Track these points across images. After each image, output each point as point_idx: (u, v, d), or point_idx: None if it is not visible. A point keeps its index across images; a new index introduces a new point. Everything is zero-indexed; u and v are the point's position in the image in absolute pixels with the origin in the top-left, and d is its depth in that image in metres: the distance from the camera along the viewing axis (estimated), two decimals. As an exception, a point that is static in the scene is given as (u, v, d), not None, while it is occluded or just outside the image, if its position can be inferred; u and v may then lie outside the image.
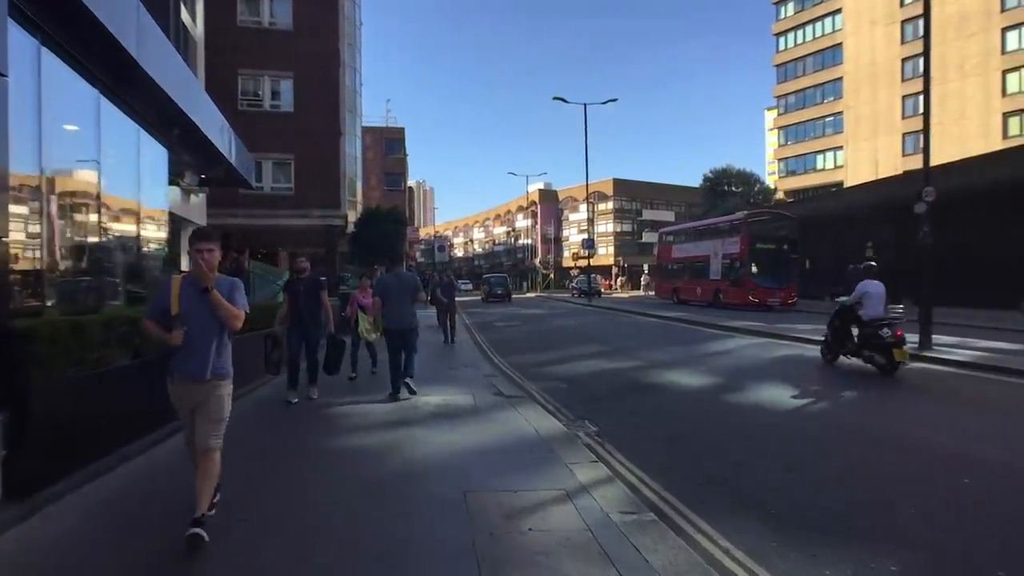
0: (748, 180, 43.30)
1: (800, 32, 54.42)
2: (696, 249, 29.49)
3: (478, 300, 37.98)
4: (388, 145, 50.00)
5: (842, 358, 10.21)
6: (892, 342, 9.07)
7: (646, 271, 66.35)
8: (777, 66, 56.20)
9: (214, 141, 9.47)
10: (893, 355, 9.07)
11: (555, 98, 32.94)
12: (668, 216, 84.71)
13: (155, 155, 9.20)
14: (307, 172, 26.47)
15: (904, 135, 46.08)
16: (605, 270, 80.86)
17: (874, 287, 9.65)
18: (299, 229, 27.53)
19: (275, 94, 26.53)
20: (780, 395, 8.09)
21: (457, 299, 16.01)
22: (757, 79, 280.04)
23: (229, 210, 25.36)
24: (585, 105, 33.23)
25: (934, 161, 12.86)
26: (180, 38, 17.75)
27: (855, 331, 9.83)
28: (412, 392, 7.85)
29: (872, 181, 35.91)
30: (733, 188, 42.08)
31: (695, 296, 28.66)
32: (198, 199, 20.95)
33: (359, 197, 38.81)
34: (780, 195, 47.63)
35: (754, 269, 25.01)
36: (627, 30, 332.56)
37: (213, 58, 23.30)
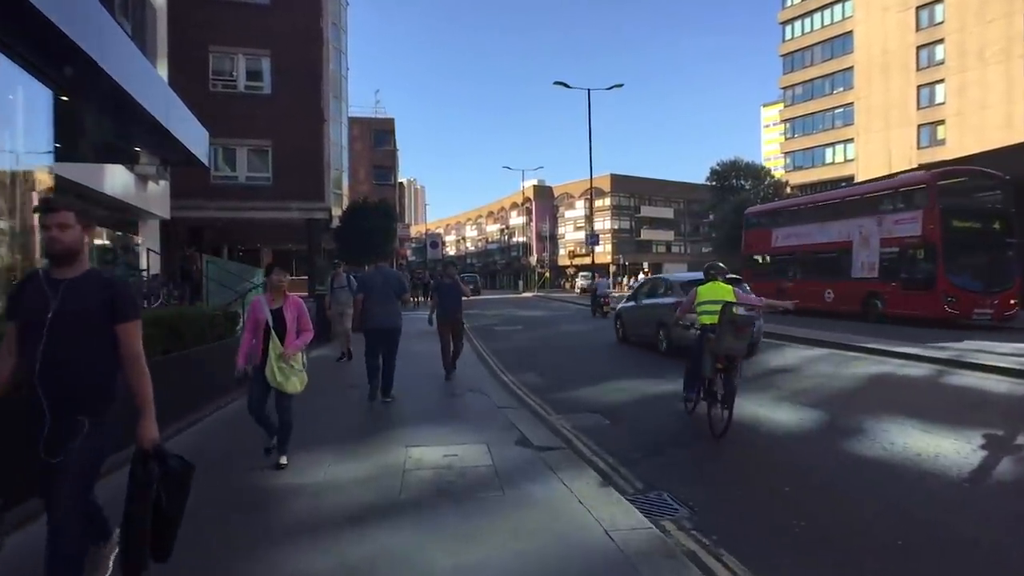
0: (758, 173, 41.09)
1: (808, 20, 52.28)
2: (822, 233, 20.73)
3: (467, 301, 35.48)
4: (377, 137, 47.43)
5: None
6: None
7: (645, 269, 64.23)
8: (783, 56, 54.03)
9: (129, 91, 6.96)
10: None
11: (556, 83, 30.60)
12: (667, 213, 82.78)
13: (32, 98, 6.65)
14: (287, 160, 23.92)
15: (919, 127, 44.04)
16: (603, 269, 78.58)
17: None
18: (278, 223, 24.97)
19: (251, 74, 23.95)
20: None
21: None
22: (753, 75, 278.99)
23: (198, 202, 22.80)
24: (589, 91, 30.97)
25: (952, 154, 10.58)
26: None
27: None
28: (388, 401, 7.47)
29: None
30: (743, 182, 39.86)
31: (821, 303, 19.69)
32: (159, 188, 18.41)
33: (345, 190, 36.27)
34: (789, 190, 45.47)
35: (950, 263, 16.20)
36: (623, 23, 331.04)
37: (181, 34, 20.79)
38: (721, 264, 7.20)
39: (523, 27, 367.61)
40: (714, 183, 41.07)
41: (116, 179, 14.93)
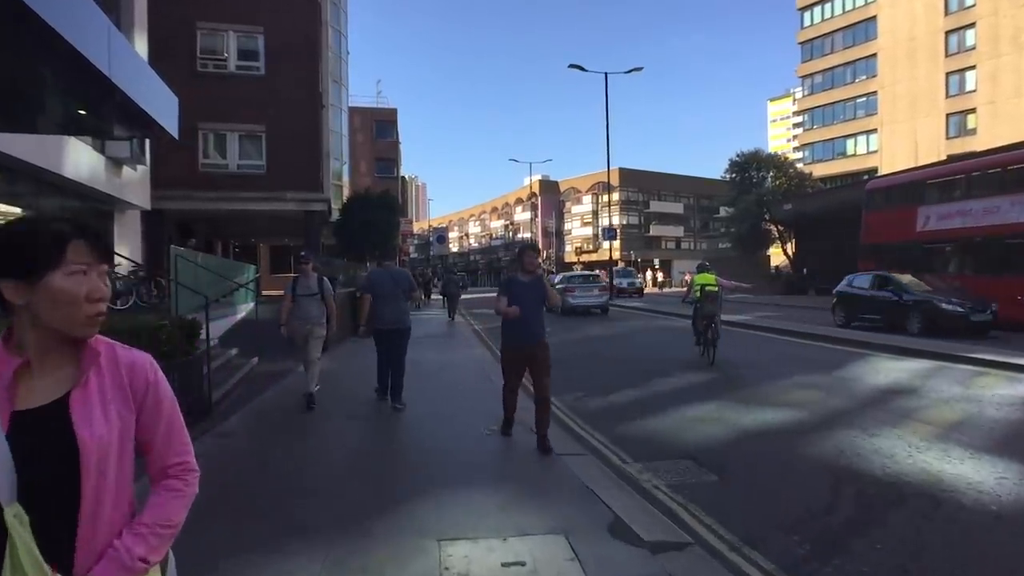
0: (780, 165, 38.95)
1: (828, 6, 50.02)
2: (1014, 211, 15.12)
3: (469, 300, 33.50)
4: (379, 128, 45.37)
5: None
6: None
7: (655, 266, 62.15)
8: (802, 43, 51.81)
9: (48, 19, 4.92)
10: None
11: (572, 66, 28.53)
12: (677, 208, 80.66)
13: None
14: (282, 147, 21.96)
15: (948, 116, 41.93)
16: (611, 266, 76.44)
17: None
18: (273, 215, 23.03)
19: (243, 53, 21.96)
20: None
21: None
22: (757, 70, 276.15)
23: (183, 191, 20.90)
24: (606, 75, 28.91)
25: (983, 144, 8.54)
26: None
27: None
28: (401, 408, 6.86)
29: None
30: (763, 173, 37.76)
31: (1015, 308, 13.87)
32: (136, 174, 16.40)
33: (345, 183, 34.30)
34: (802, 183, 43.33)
35: None
36: (621, 21, 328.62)
37: (166, 8, 18.84)
38: (707, 263, 11.98)
39: (523, 25, 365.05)
40: (733, 175, 38.97)
41: (81, 161, 12.93)
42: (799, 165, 48.62)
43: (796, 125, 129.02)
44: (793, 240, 35.50)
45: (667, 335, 14.76)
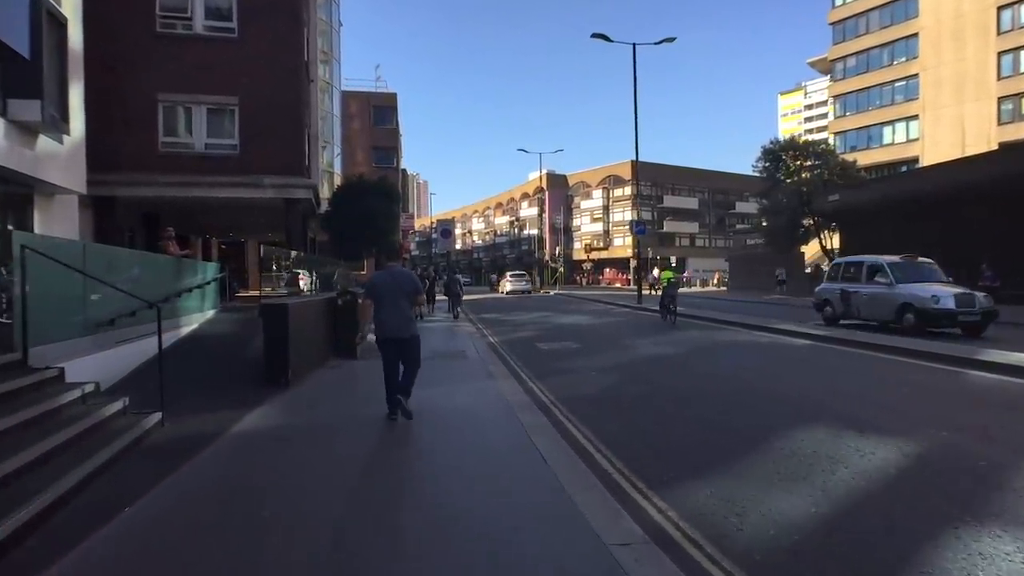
0: (820, 153, 35.19)
1: (863, -18, 46.41)
2: None
3: (478, 302, 30.03)
4: (377, 114, 41.77)
5: None
6: None
7: (673, 263, 57.90)
8: (833, 24, 48.04)
9: None
10: None
11: (595, 35, 24.93)
12: (691, 203, 77.02)
13: None
14: (258, 124, 18.50)
15: (1000, 99, 38.31)
16: (622, 263, 73.14)
17: None
18: (246, 204, 19.53)
19: (212, 11, 18.50)
20: None
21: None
22: (766, 65, 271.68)
23: (142, 176, 17.48)
24: (634, 45, 25.27)
25: None
26: None
27: None
28: (408, 415, 6.08)
29: None
30: (802, 162, 34.08)
31: None
32: (63, 148, 12.86)
33: (339, 174, 30.81)
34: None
35: None
36: (622, 18, 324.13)
37: (119, -44, 15.39)
38: (670, 261, 38.33)
39: (522, 21, 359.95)
40: (767, 164, 35.30)
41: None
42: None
43: (809, 118, 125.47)
44: (837, 234, 31.87)
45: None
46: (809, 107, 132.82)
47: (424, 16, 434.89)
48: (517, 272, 48.34)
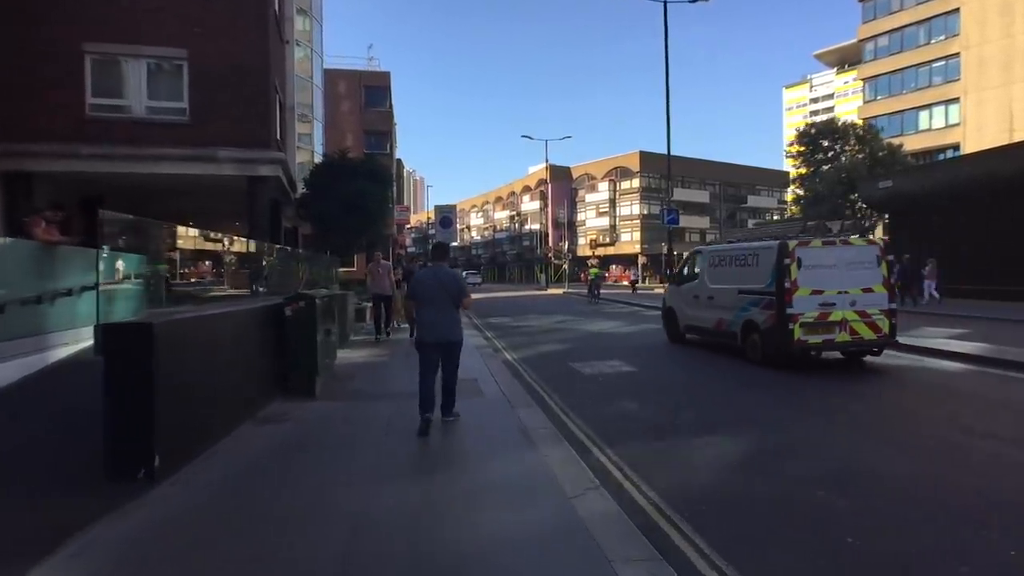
0: (863, 138, 31.54)
1: (897, -46, 42.77)
2: None
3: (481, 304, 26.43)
4: (369, 95, 38.03)
5: None
6: None
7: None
8: (863, 1, 44.45)
9: None
10: None
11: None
12: (702, 196, 73.33)
13: None
14: (213, 84, 14.91)
15: (1053, 79, 34.81)
16: (629, 259, 69.50)
17: None
18: (198, 183, 15.82)
19: (155, -58, 14.78)
20: None
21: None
22: (766, 59, 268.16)
23: (63, 146, 13.88)
24: (665, 3, 21.68)
25: None
26: None
27: None
28: (455, 415, 5.86)
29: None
30: (844, 146, 30.56)
31: None
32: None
33: (320, 155, 27.16)
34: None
35: None
36: (619, 15, 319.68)
37: None
38: (597, 259, 39.31)
39: (522, 18, 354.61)
40: (803, 149, 31.65)
41: None
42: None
43: (814, 112, 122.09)
44: (885, 224, 28.31)
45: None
46: (815, 100, 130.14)
47: (421, 4, 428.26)
48: (471, 271, 61.46)
